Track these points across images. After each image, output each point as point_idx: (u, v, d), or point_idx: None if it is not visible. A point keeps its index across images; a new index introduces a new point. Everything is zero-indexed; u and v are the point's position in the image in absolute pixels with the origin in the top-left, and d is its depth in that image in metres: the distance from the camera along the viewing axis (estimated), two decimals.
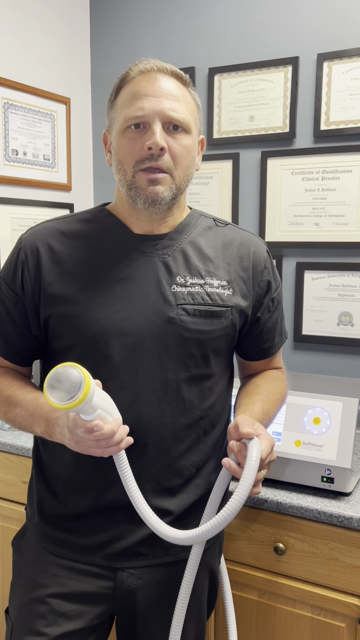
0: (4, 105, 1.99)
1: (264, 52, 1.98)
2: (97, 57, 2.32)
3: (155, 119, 1.02)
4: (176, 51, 2.14)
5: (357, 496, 1.35)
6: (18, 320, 1.11)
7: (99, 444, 0.91)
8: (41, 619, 1.08)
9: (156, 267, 1.08)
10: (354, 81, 1.84)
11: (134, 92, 1.04)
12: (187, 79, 1.09)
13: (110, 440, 0.91)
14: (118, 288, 1.06)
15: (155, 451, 1.07)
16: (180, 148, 1.05)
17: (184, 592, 1.04)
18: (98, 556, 1.09)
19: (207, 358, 1.10)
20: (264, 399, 1.14)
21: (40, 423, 1.02)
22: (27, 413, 1.05)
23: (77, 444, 0.93)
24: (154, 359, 1.06)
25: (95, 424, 0.88)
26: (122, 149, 1.05)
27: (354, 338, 1.91)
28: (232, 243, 1.16)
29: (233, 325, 1.11)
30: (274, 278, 1.20)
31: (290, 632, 1.37)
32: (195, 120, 1.09)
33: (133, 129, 1.04)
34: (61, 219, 1.15)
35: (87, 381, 0.83)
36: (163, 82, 1.04)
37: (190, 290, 1.08)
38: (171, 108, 1.03)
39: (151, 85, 1.04)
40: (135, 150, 1.03)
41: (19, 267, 1.09)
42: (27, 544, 1.17)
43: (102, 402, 0.90)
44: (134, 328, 1.05)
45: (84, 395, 0.82)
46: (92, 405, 0.86)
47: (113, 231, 1.11)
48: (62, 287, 1.07)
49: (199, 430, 1.10)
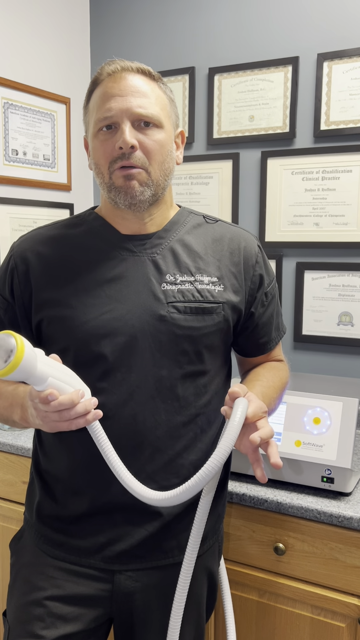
0: (4, 105, 1.99)
1: (264, 52, 1.98)
2: (97, 57, 2.32)
3: (123, 118, 1.03)
4: (176, 51, 2.14)
5: (357, 496, 1.35)
6: (8, 325, 1.14)
7: (62, 416, 0.90)
8: (38, 622, 1.07)
9: (145, 266, 1.09)
10: (354, 81, 1.84)
11: (102, 93, 1.06)
12: (155, 74, 1.09)
13: (72, 410, 0.89)
14: (108, 288, 1.07)
15: (151, 450, 1.06)
16: (153, 143, 1.05)
17: (180, 594, 1.03)
18: (96, 559, 1.09)
19: (200, 355, 1.09)
20: (263, 385, 1.13)
21: (17, 410, 1.03)
22: (7, 403, 1.06)
23: (43, 421, 0.92)
24: (147, 357, 1.06)
25: (49, 393, 0.87)
26: (96, 152, 1.07)
27: (354, 338, 1.91)
28: (222, 239, 1.16)
29: (226, 321, 1.11)
30: (267, 272, 1.19)
31: (290, 632, 1.37)
32: (168, 114, 1.09)
33: (105, 130, 1.05)
34: (51, 226, 1.17)
35: (20, 347, 0.83)
36: (129, 81, 1.05)
37: (181, 288, 1.08)
38: (138, 105, 1.03)
39: (117, 85, 1.04)
40: (108, 151, 1.05)
41: (9, 275, 1.13)
42: (25, 546, 1.17)
43: (55, 372, 0.90)
44: (125, 327, 1.05)
45: (16, 360, 0.82)
46: (39, 374, 0.86)
47: (101, 233, 1.13)
48: (53, 291, 1.08)
49: (195, 429, 1.10)
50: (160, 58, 2.17)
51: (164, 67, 2.16)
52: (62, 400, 0.88)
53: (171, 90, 1.13)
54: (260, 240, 2.03)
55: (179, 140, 1.15)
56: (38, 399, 0.89)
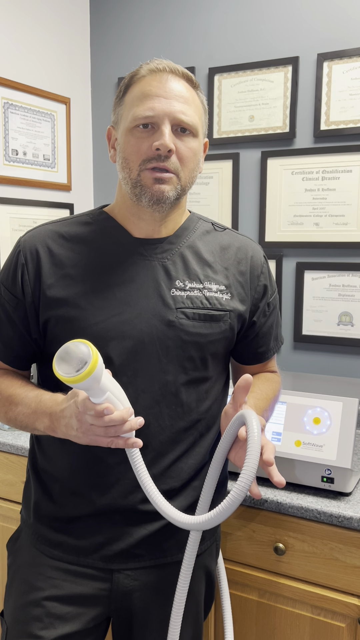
0: (4, 105, 1.99)
1: (264, 52, 1.98)
2: (97, 57, 2.32)
3: (165, 121, 1.02)
4: (176, 51, 2.14)
5: (357, 496, 1.35)
6: (18, 323, 1.11)
7: (108, 432, 0.90)
8: (37, 622, 1.07)
9: (155, 271, 1.08)
10: (354, 81, 1.84)
11: (145, 91, 1.04)
12: (196, 81, 1.09)
13: (120, 428, 0.90)
14: (118, 291, 1.06)
15: (154, 454, 1.07)
16: (188, 150, 1.05)
17: (180, 593, 1.04)
18: (94, 558, 1.09)
19: (205, 361, 1.10)
20: (257, 397, 1.14)
21: (43, 419, 1.01)
22: (29, 410, 1.04)
23: (84, 434, 0.92)
24: (153, 362, 1.06)
25: (106, 407, 0.87)
26: (129, 147, 1.05)
27: (354, 338, 1.91)
28: (230, 247, 1.16)
29: (231, 329, 1.12)
30: (270, 283, 1.20)
31: (290, 632, 1.37)
32: (202, 124, 1.10)
33: (141, 128, 1.04)
34: (60, 222, 1.14)
35: (95, 356, 0.83)
36: (174, 84, 1.04)
37: (190, 295, 1.08)
38: (181, 111, 1.03)
39: (162, 86, 1.04)
40: (143, 149, 1.03)
41: (19, 270, 1.09)
42: (22, 546, 1.16)
43: (113, 387, 0.90)
44: (133, 331, 1.05)
45: (90, 368, 0.82)
46: (101, 387, 0.86)
47: (113, 234, 1.11)
48: (62, 290, 1.07)
49: (195, 434, 1.10)
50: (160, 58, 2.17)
51: None
52: (115, 417, 0.88)
53: (205, 98, 1.13)
54: (261, 240, 2.03)
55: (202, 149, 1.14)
56: (93, 411, 0.88)
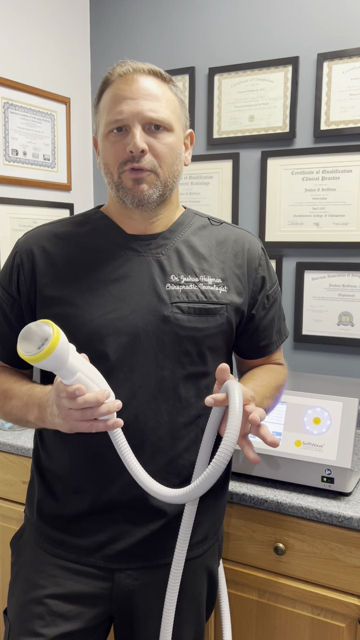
0: (4, 105, 1.99)
1: (264, 52, 1.98)
2: (97, 57, 2.32)
3: (134, 122, 1.03)
4: (176, 51, 2.14)
5: (357, 496, 1.35)
6: (15, 322, 1.13)
7: (84, 414, 0.89)
8: (39, 620, 1.08)
9: (150, 267, 1.09)
10: (354, 81, 1.84)
11: (113, 95, 1.06)
12: (166, 75, 1.09)
13: (96, 410, 0.89)
14: (113, 288, 1.07)
15: (153, 450, 1.07)
16: (163, 147, 1.06)
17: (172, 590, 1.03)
18: (96, 557, 1.09)
19: (203, 356, 1.10)
20: (257, 383, 1.13)
21: (33, 410, 1.02)
22: (21, 403, 1.05)
23: (64, 419, 0.91)
24: (150, 357, 1.06)
25: (77, 387, 0.87)
26: (106, 153, 1.08)
27: (354, 338, 1.91)
28: (226, 241, 1.16)
29: (229, 322, 1.12)
30: (269, 275, 1.20)
31: (290, 632, 1.37)
32: (178, 117, 1.10)
33: (115, 132, 1.05)
34: (56, 223, 1.17)
35: (56, 334, 0.83)
36: (141, 83, 1.05)
37: (185, 289, 1.08)
38: (150, 109, 1.04)
39: (129, 88, 1.04)
40: (119, 152, 1.05)
41: (15, 271, 1.12)
42: (25, 544, 1.17)
43: (84, 368, 0.90)
44: (129, 327, 1.05)
45: (51, 345, 0.82)
46: (69, 367, 0.86)
47: (106, 232, 1.13)
48: (57, 289, 1.08)
49: (197, 429, 1.10)
50: (160, 58, 2.17)
51: (164, 67, 2.16)
52: (88, 397, 0.88)
53: (182, 90, 1.13)
54: (261, 240, 2.03)
55: (187, 141, 1.15)
56: (65, 392, 0.88)
